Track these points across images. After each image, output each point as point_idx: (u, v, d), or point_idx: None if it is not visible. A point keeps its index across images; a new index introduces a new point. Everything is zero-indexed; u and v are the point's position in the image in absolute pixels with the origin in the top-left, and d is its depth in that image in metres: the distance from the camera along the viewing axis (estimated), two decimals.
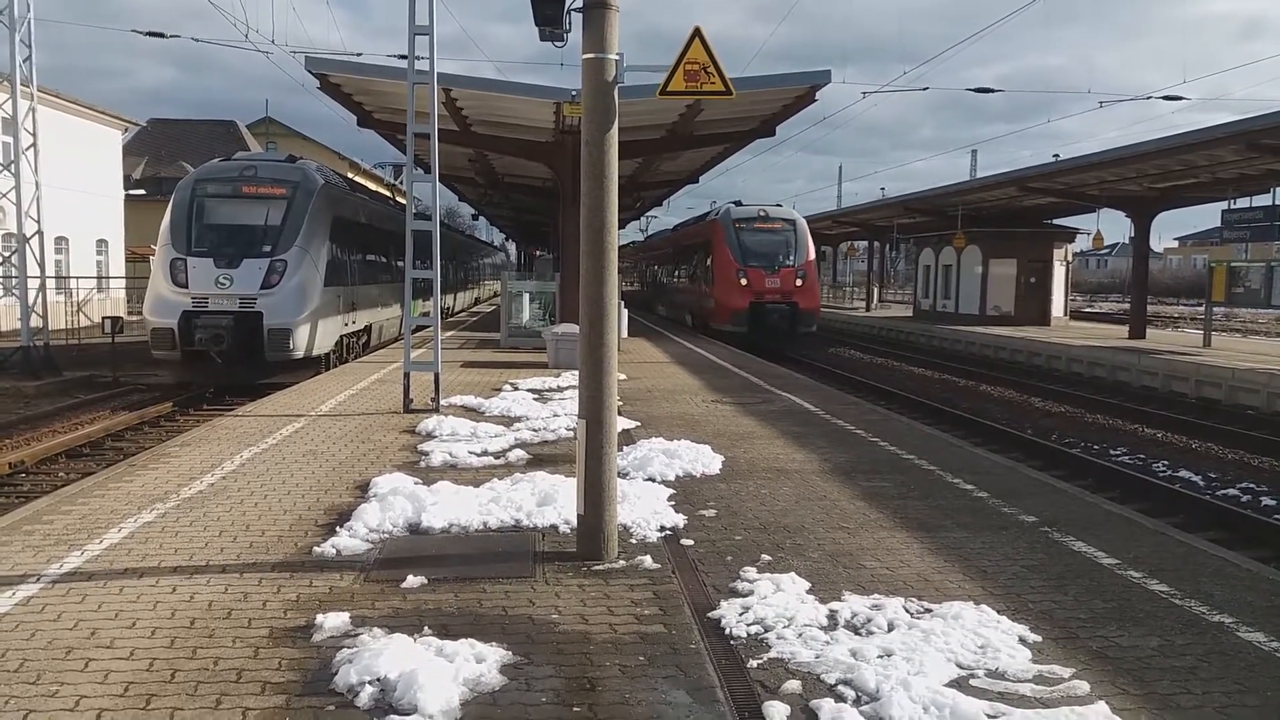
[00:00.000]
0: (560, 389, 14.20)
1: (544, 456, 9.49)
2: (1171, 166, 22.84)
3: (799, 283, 26.34)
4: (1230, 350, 24.14)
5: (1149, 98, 27.78)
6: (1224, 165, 22.04)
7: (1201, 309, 30.48)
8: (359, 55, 22.87)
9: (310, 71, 15.63)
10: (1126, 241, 41.04)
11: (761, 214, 27.46)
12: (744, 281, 26.03)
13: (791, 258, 26.62)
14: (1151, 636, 5.02)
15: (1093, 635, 5.02)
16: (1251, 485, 12.14)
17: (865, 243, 53.88)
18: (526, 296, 22.18)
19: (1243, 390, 18.37)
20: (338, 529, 6.69)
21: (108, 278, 33.02)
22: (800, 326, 26.34)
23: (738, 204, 28.67)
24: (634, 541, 6.59)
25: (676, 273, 37.62)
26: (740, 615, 5.20)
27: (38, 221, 21.78)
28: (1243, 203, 24.58)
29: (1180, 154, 20.99)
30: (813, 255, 27.41)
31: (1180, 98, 25.04)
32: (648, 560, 6.14)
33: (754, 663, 4.66)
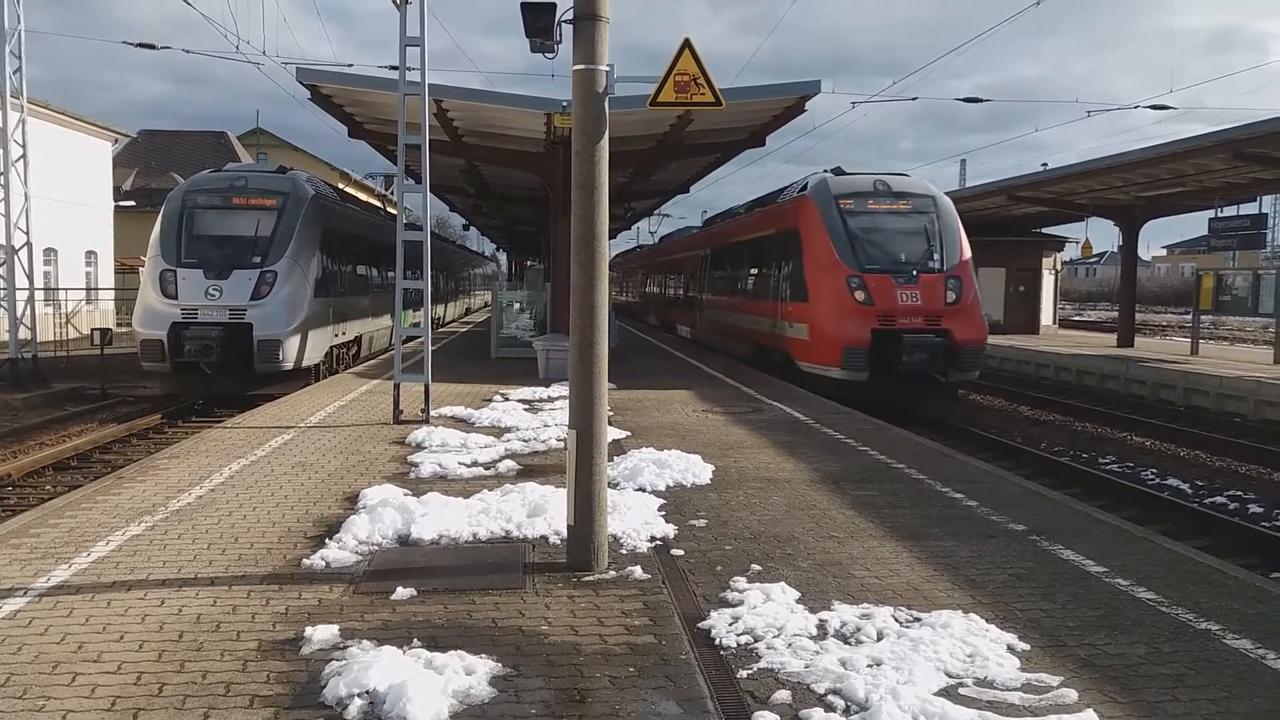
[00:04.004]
0: (550, 399, 14.19)
1: (534, 467, 9.49)
2: (1159, 175, 22.99)
3: (951, 298, 16.46)
4: (1217, 358, 24.27)
5: (1136, 107, 28.00)
6: (1211, 174, 22.20)
7: (1189, 317, 30.64)
8: (350, 66, 22.88)
9: (301, 82, 15.63)
10: (1115, 250, 41.21)
11: (880, 186, 17.68)
12: (860, 296, 16.35)
13: (936, 257, 16.98)
14: (1139, 644, 5.04)
15: (1081, 643, 5.04)
16: (1239, 492, 12.20)
17: None
18: (517, 307, 22.19)
19: (1230, 398, 18.47)
20: (327, 541, 6.68)
21: (97, 289, 32.89)
22: (957, 369, 16.53)
23: (837, 171, 18.66)
24: (624, 552, 6.59)
25: (720, 283, 26.02)
26: (730, 625, 5.20)
27: (26, 233, 21.69)
28: (1229, 211, 24.75)
29: (1167, 163, 21.14)
30: (968, 254, 17.47)
31: (1166, 107, 25.17)
32: (638, 570, 6.14)
33: (744, 673, 4.66)
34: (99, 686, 4.42)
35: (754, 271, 22.28)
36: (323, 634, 4.96)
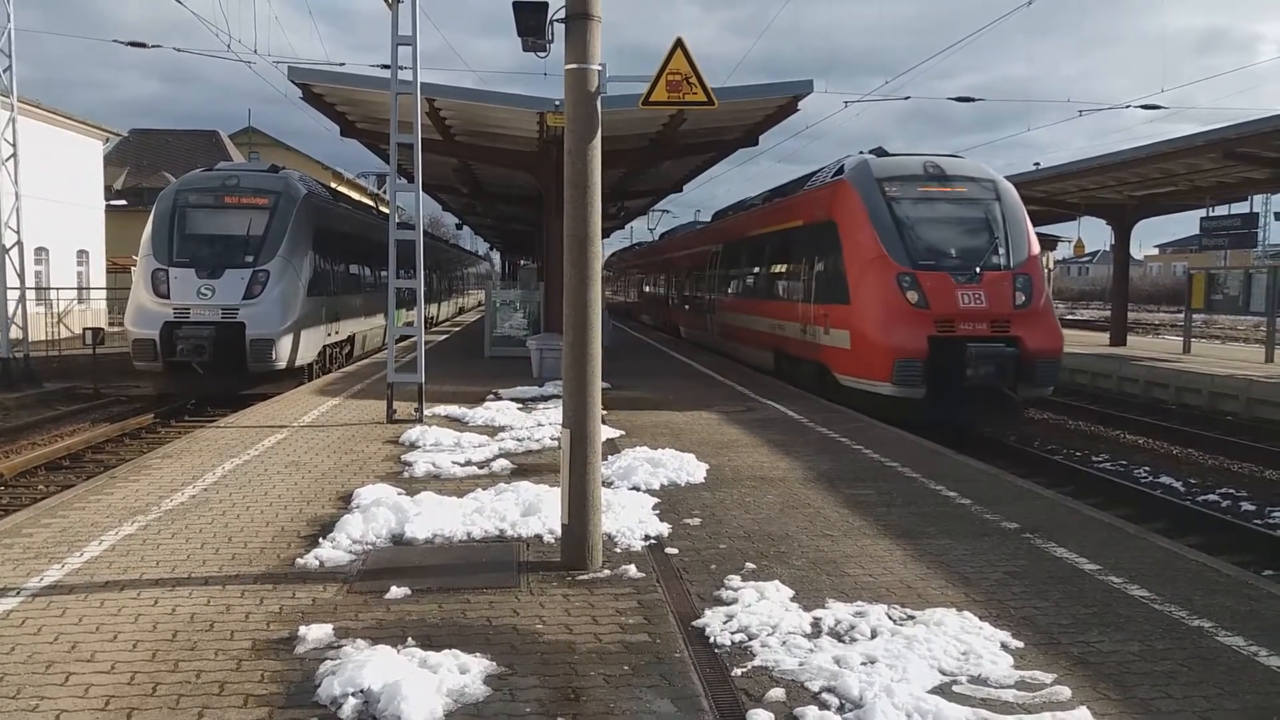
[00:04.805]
0: (544, 398, 14.19)
1: (528, 466, 9.48)
2: (1150, 174, 23.04)
3: (1021, 300, 14.23)
4: (1209, 356, 24.35)
5: (1128, 106, 28.05)
6: (1202, 173, 22.26)
7: (1181, 316, 30.77)
8: (342, 66, 22.85)
9: (293, 81, 15.59)
10: (1107, 249, 41.34)
11: (931, 168, 15.32)
12: (913, 297, 13.99)
13: (1001, 251, 14.72)
14: (1132, 641, 5.06)
15: (1074, 641, 5.06)
16: (1231, 490, 12.24)
17: None
18: (511, 306, 22.17)
19: (1222, 396, 18.54)
20: (321, 540, 6.67)
21: (89, 289, 32.78)
22: (1030, 385, 14.15)
23: (879, 152, 16.45)
24: (619, 550, 6.59)
25: (735, 283, 23.49)
26: (724, 623, 5.21)
27: (17, 232, 21.63)
28: (1221, 210, 24.85)
29: (1159, 162, 21.19)
30: (1037, 248, 15.42)
31: (1158, 107, 25.27)
32: (632, 569, 6.14)
33: (738, 671, 4.67)
34: (93, 686, 4.40)
35: (778, 269, 19.57)
36: (317, 633, 4.95)
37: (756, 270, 21.43)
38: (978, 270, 14.31)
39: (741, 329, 22.16)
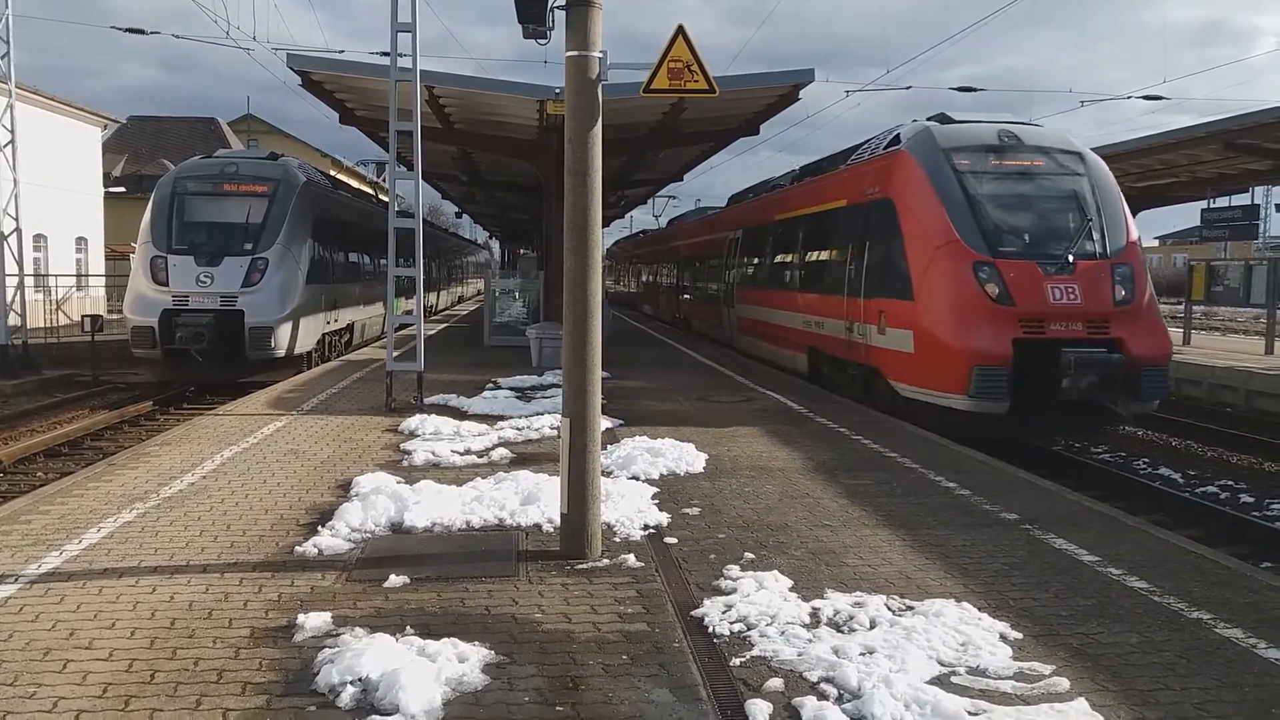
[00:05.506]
0: (544, 387, 14.17)
1: (527, 455, 9.47)
2: (1152, 166, 23.02)
3: (1121, 295, 12.06)
4: (1209, 348, 24.33)
5: (1129, 97, 27.96)
6: (1203, 165, 22.24)
7: (1181, 307, 30.71)
8: (341, 53, 22.77)
9: (292, 69, 15.53)
10: None
11: (1006, 137, 13.14)
12: (993, 291, 11.82)
13: (1096, 236, 12.46)
14: (1131, 633, 5.06)
15: (1073, 632, 5.05)
16: (1230, 482, 12.23)
17: None
18: (511, 295, 22.15)
19: (1222, 388, 18.52)
20: (319, 528, 6.66)
21: (87, 276, 32.74)
22: (1135, 398, 11.88)
23: (941, 119, 14.27)
24: (618, 540, 6.58)
25: (760, 272, 20.87)
26: (723, 613, 5.20)
27: (16, 219, 21.60)
28: (1221, 202, 24.83)
29: (1160, 153, 21.17)
30: (1135, 233, 13.05)
31: (1159, 97, 25.22)
32: (631, 559, 6.14)
33: (737, 661, 4.67)
34: (90, 673, 4.40)
35: (816, 256, 16.93)
36: (315, 621, 4.94)
37: (788, 258, 18.78)
38: (1070, 259, 12.07)
39: (767, 325, 19.72)
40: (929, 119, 14.38)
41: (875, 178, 14.19)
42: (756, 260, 21.30)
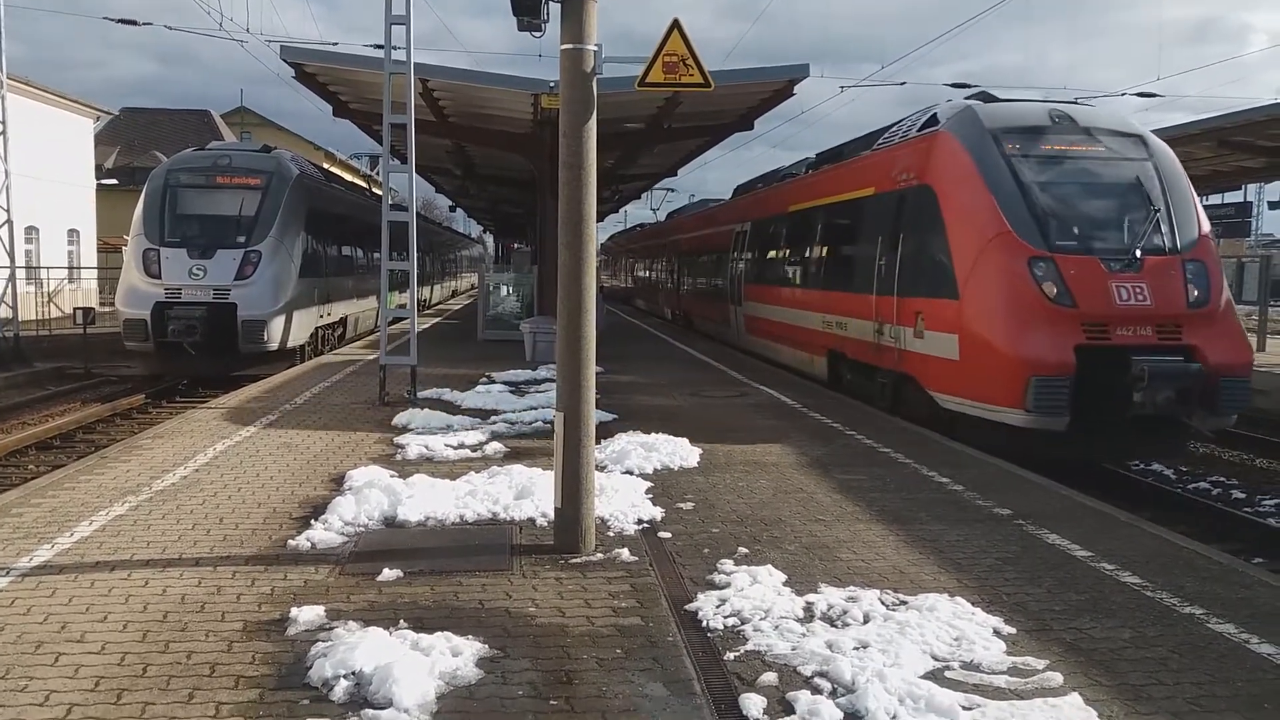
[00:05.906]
0: (537, 381, 14.16)
1: (521, 449, 9.46)
2: None
3: (1195, 295, 10.68)
4: None
5: (1123, 94, 28.10)
6: (1196, 162, 22.23)
7: None
8: (335, 45, 22.70)
9: (286, 61, 15.46)
10: None
11: (1058, 118, 11.74)
12: (1051, 290, 10.44)
13: (1164, 230, 11.04)
14: (1124, 628, 5.07)
15: (1066, 627, 5.06)
16: (1222, 479, 12.27)
17: None
18: (504, 289, 22.11)
19: None
20: (313, 522, 6.64)
21: (79, 268, 32.63)
22: (1211, 412, 10.48)
23: (986, 98, 13.04)
24: (611, 534, 6.58)
25: (773, 268, 19.19)
26: (717, 608, 5.20)
27: (7, 211, 21.51)
28: (1214, 199, 24.89)
29: None
30: (1208, 226, 11.64)
31: (1154, 95, 25.26)
32: (625, 553, 6.14)
33: (731, 655, 4.67)
34: (83, 666, 4.38)
35: (838, 250, 15.42)
36: (308, 615, 4.93)
37: (804, 252, 17.09)
38: (1137, 254, 10.68)
39: (780, 324, 18.11)
40: (968, 97, 13.26)
41: (910, 162, 12.74)
42: (768, 254, 19.66)
